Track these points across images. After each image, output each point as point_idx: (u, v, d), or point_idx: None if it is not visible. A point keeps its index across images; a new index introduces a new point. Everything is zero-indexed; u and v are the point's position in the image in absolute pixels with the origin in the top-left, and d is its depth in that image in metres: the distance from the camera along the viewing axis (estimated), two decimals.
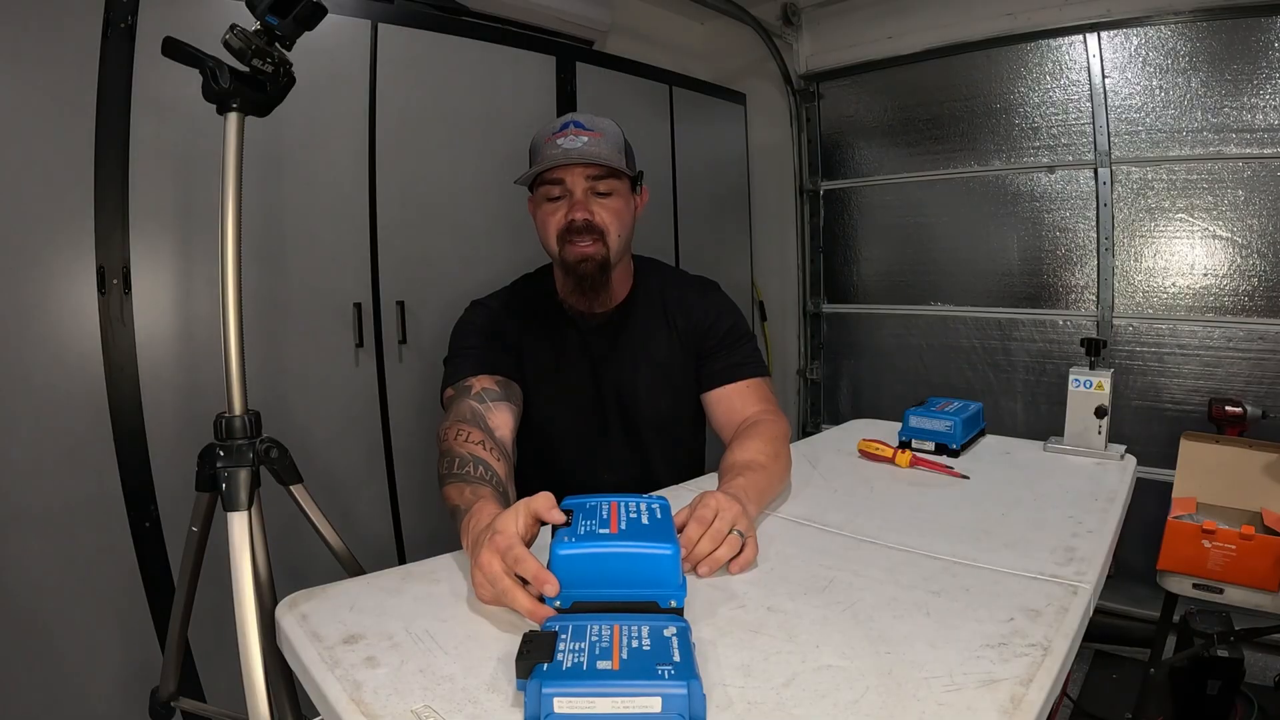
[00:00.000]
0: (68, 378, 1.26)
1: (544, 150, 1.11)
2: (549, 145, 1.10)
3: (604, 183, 1.12)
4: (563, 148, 1.09)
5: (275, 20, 0.84)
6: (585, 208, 1.11)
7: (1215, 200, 2.15)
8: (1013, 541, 0.87)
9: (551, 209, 1.13)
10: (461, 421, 1.01)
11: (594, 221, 1.11)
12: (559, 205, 1.12)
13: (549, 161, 1.09)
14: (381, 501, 1.70)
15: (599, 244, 1.12)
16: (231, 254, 0.88)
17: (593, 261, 1.12)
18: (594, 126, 1.12)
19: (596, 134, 1.11)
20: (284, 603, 0.74)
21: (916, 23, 2.61)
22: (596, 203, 1.12)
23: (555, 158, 1.08)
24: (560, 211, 1.12)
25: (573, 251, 1.12)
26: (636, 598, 0.65)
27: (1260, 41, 2.03)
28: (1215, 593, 1.46)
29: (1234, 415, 2.00)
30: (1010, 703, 0.55)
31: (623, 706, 0.50)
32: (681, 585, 0.66)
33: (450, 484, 0.92)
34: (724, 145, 2.73)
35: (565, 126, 1.11)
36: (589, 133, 1.10)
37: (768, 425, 1.12)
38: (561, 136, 1.10)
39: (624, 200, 1.15)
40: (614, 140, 1.13)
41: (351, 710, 0.55)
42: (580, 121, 1.12)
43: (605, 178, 1.12)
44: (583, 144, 1.09)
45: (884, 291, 2.90)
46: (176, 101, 1.30)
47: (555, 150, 1.09)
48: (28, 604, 1.24)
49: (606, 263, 1.14)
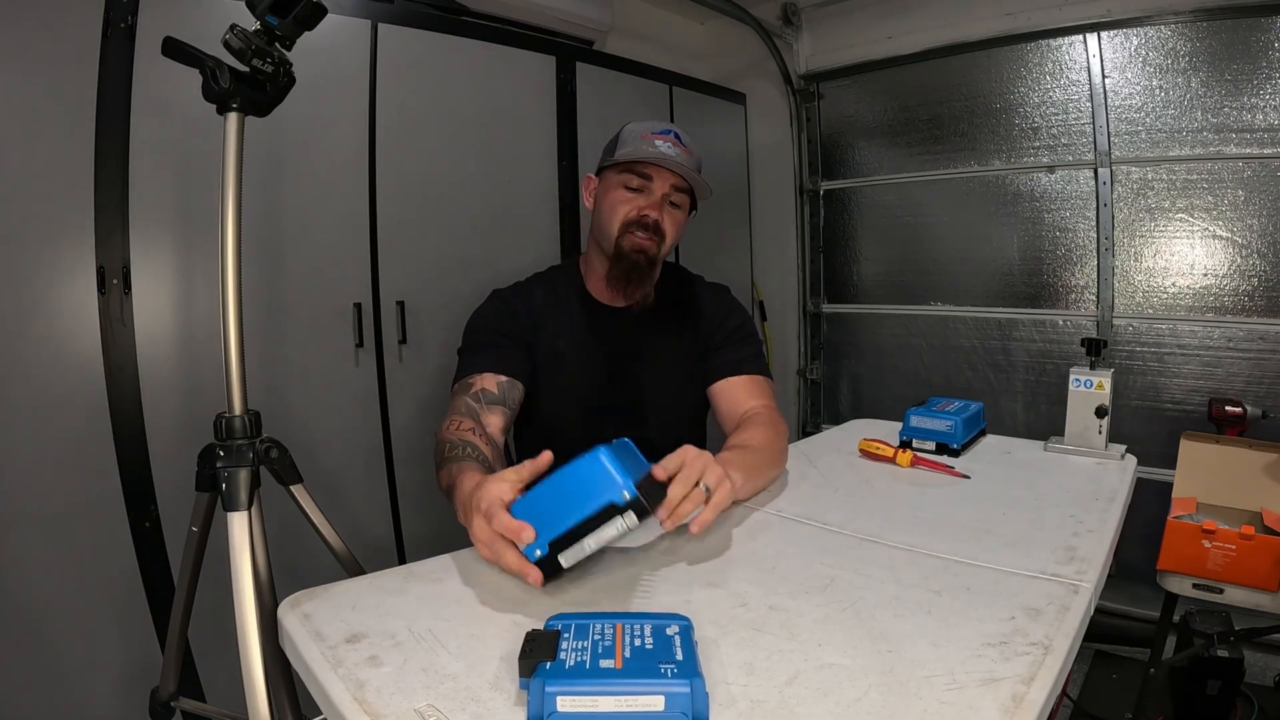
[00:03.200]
0: (68, 378, 1.26)
1: (640, 145, 1.18)
2: (646, 142, 1.18)
3: (679, 195, 1.21)
4: (662, 150, 1.17)
5: (275, 20, 0.84)
6: (660, 210, 1.19)
7: (1215, 200, 2.15)
8: (1013, 541, 0.87)
9: (625, 197, 1.19)
10: (456, 414, 1.08)
11: (662, 225, 1.20)
12: (635, 197, 1.19)
13: (651, 156, 1.16)
14: (381, 501, 1.70)
15: (656, 244, 1.20)
16: (231, 254, 0.88)
17: (646, 255, 1.19)
18: (689, 145, 1.22)
19: (689, 152, 1.21)
20: (286, 602, 0.73)
21: (916, 23, 2.62)
22: (667, 210, 1.21)
23: (654, 156, 1.16)
24: (635, 203, 1.19)
25: (633, 240, 1.19)
26: (594, 509, 0.67)
27: (1260, 41, 2.03)
28: (1215, 593, 1.46)
29: (1234, 415, 2.00)
30: (1012, 701, 0.55)
31: (626, 705, 0.50)
32: (624, 476, 0.67)
33: (442, 469, 0.97)
34: (724, 145, 2.73)
35: (667, 133, 1.20)
36: (684, 149, 1.20)
37: (767, 418, 1.16)
38: (662, 140, 1.18)
39: (684, 216, 1.26)
40: (698, 164, 1.23)
41: (355, 709, 0.55)
42: (681, 137, 1.21)
43: (682, 192, 1.21)
44: (678, 155, 1.18)
45: (884, 291, 2.90)
46: (176, 101, 1.30)
47: (653, 149, 1.17)
48: (28, 604, 1.24)
49: (655, 259, 1.21)
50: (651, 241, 1.19)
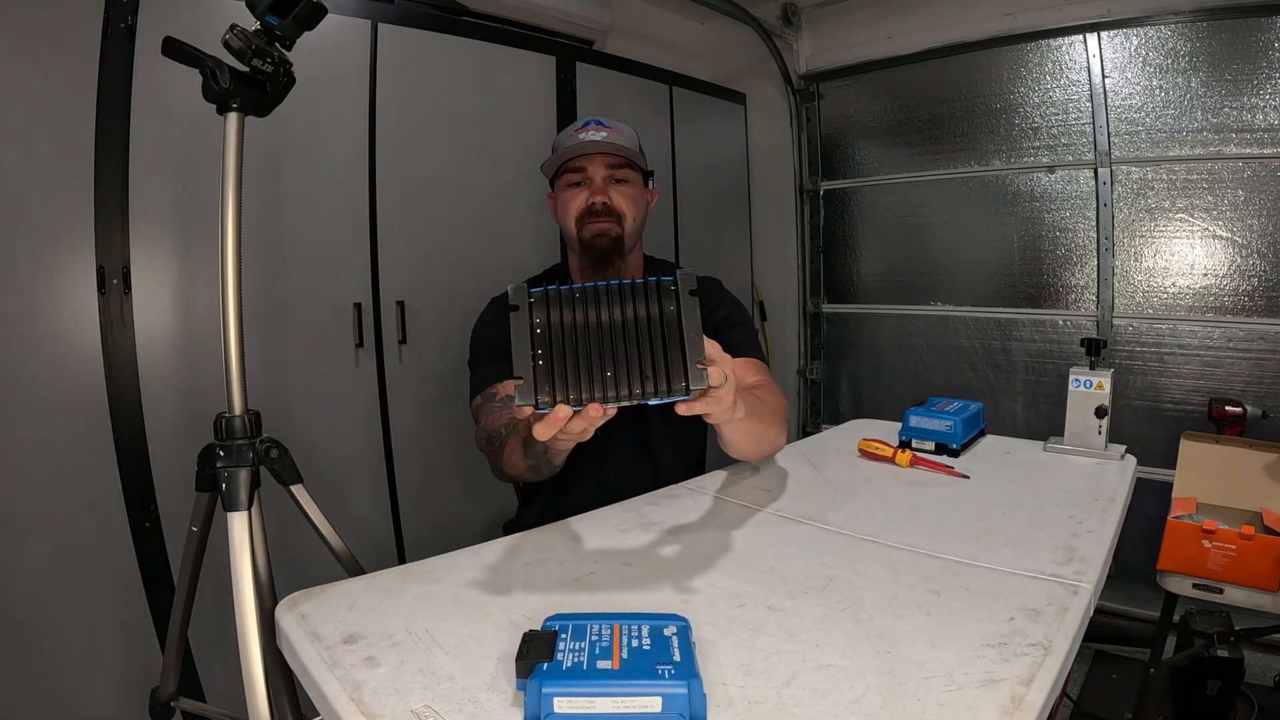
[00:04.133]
0: (68, 378, 1.26)
1: (566, 144, 1.21)
2: (569, 140, 1.21)
3: (621, 171, 1.22)
4: (585, 139, 1.19)
5: (275, 20, 0.84)
6: (604, 192, 1.20)
7: (1215, 200, 2.15)
8: (1013, 541, 0.87)
9: (572, 194, 1.22)
10: (493, 413, 1.12)
11: (612, 205, 1.21)
12: (579, 191, 1.22)
13: (573, 150, 1.19)
14: (381, 501, 1.70)
15: (615, 225, 1.21)
16: (231, 254, 0.88)
17: (608, 237, 1.20)
18: (613, 125, 1.23)
19: (615, 130, 1.22)
20: (284, 603, 0.73)
21: (916, 23, 2.61)
22: (614, 189, 1.22)
23: (578, 146, 1.19)
24: (581, 196, 1.21)
25: (591, 229, 1.20)
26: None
27: (1260, 41, 2.03)
28: (1215, 593, 1.45)
29: (1234, 415, 2.00)
30: (1011, 702, 0.55)
31: (623, 706, 0.50)
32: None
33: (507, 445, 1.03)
34: (724, 145, 2.73)
35: (586, 124, 1.22)
36: (608, 129, 1.22)
37: (767, 391, 1.13)
38: (583, 132, 1.21)
39: (639, 189, 1.25)
40: (630, 138, 1.24)
41: (351, 710, 0.55)
42: (600, 120, 1.23)
43: (623, 167, 1.22)
44: (602, 137, 1.20)
45: (884, 291, 2.90)
46: (176, 101, 1.30)
47: (576, 142, 1.19)
48: (28, 604, 1.24)
49: (621, 240, 1.22)
50: (608, 223, 1.20)
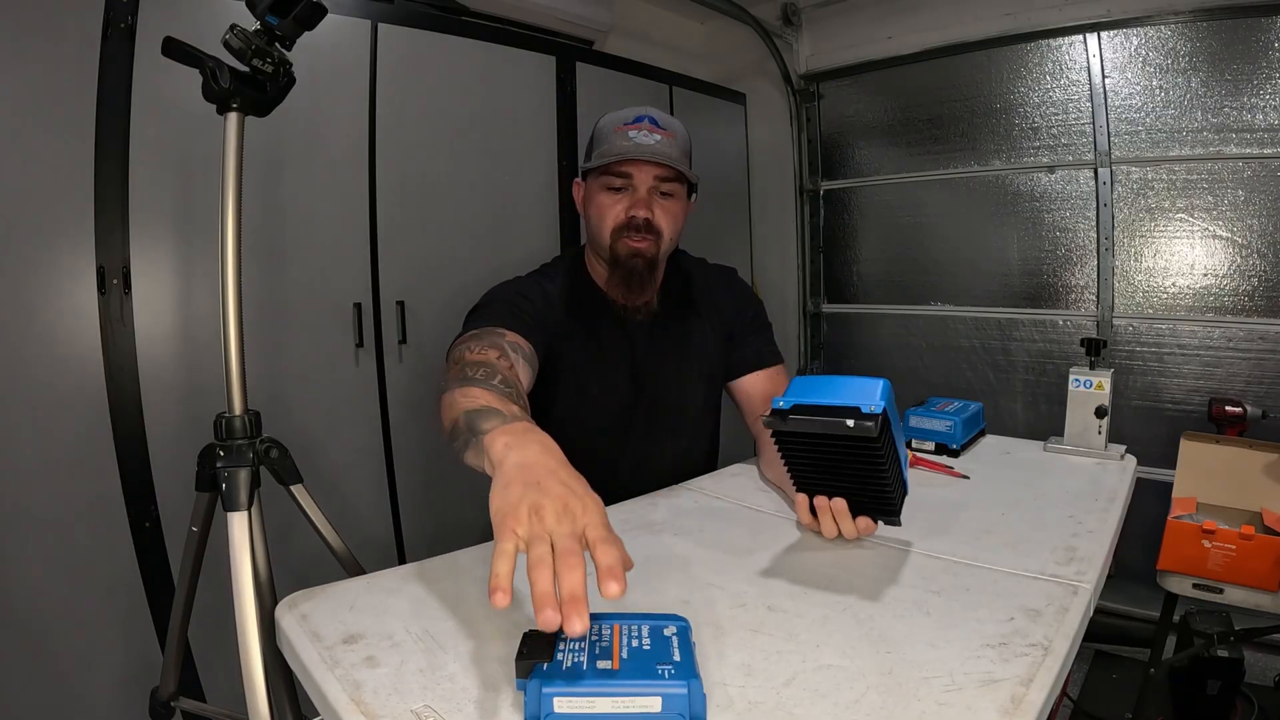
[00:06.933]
0: (68, 378, 1.26)
1: (613, 140, 1.08)
2: (619, 135, 1.08)
3: (668, 184, 1.10)
4: (635, 141, 1.07)
5: (275, 20, 0.84)
6: (648, 206, 1.09)
7: (1215, 200, 2.15)
8: (1013, 541, 0.87)
9: (611, 200, 1.10)
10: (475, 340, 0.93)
11: (654, 222, 1.09)
12: (620, 197, 1.10)
13: (621, 153, 1.06)
14: (381, 501, 1.70)
15: (653, 243, 1.10)
16: (231, 254, 0.88)
17: (644, 258, 1.10)
18: (667, 126, 1.10)
19: (669, 134, 1.09)
20: (284, 603, 0.73)
21: (916, 23, 2.61)
22: (658, 203, 1.10)
23: (628, 150, 1.06)
24: (621, 204, 1.10)
25: (627, 245, 1.10)
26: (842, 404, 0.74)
27: (1260, 41, 2.03)
28: (1215, 593, 1.45)
29: (1234, 415, 2.00)
30: (1011, 703, 0.55)
31: (623, 706, 0.50)
32: (884, 401, 0.74)
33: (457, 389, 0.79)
34: (724, 145, 2.73)
35: (639, 120, 1.09)
36: (662, 131, 1.09)
37: None
38: (634, 129, 1.08)
39: (682, 204, 1.14)
40: (683, 144, 1.12)
41: (351, 710, 0.55)
42: (655, 118, 1.10)
43: (671, 180, 1.10)
44: (655, 142, 1.07)
45: (884, 291, 2.90)
46: (176, 101, 1.30)
47: (626, 142, 1.07)
48: (28, 604, 1.24)
49: (655, 261, 1.12)
50: (646, 241, 1.09)
